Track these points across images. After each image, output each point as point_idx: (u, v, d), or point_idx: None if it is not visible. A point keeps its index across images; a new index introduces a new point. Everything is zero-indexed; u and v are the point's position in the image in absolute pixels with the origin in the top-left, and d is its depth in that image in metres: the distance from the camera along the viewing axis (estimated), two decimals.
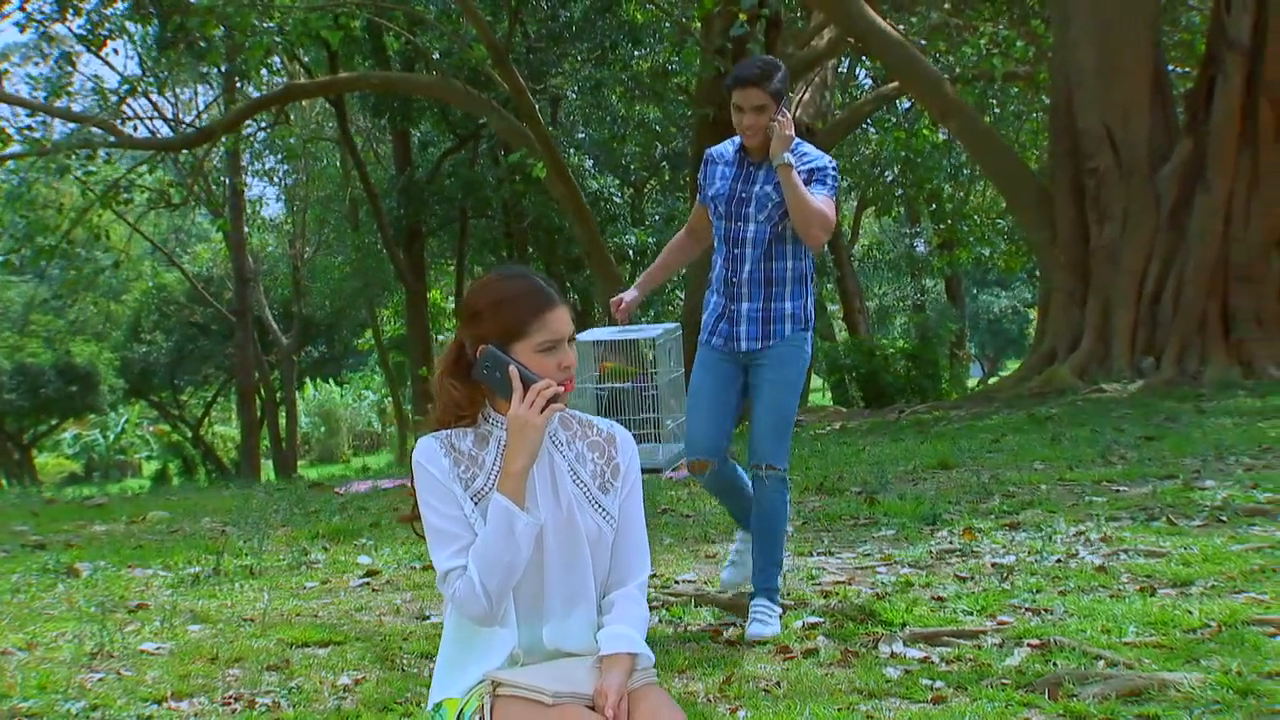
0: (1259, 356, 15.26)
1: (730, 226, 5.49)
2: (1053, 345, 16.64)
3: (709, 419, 5.49)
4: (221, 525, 9.59)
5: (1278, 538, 6.47)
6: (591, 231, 21.53)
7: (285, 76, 26.92)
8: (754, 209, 5.43)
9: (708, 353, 5.56)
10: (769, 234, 5.43)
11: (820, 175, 5.39)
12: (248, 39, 18.81)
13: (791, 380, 5.48)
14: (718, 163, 5.59)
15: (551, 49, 26.28)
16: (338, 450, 56.58)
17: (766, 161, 5.43)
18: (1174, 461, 9.23)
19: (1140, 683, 4.52)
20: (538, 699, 2.98)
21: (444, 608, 3.30)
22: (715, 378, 5.51)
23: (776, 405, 5.44)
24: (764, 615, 5.45)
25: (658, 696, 3.12)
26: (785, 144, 5.31)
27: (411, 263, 30.34)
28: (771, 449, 5.42)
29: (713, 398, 5.49)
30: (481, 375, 3.15)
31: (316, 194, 39.73)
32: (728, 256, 5.51)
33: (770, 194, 5.40)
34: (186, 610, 6.42)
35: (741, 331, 5.47)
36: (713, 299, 5.60)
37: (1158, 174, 16.18)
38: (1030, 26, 23.01)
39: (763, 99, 5.30)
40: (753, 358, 5.48)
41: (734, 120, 5.40)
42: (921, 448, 11.39)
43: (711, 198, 5.56)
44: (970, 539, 7.07)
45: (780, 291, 5.46)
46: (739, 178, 5.50)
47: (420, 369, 30.14)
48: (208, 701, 4.90)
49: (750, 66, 5.38)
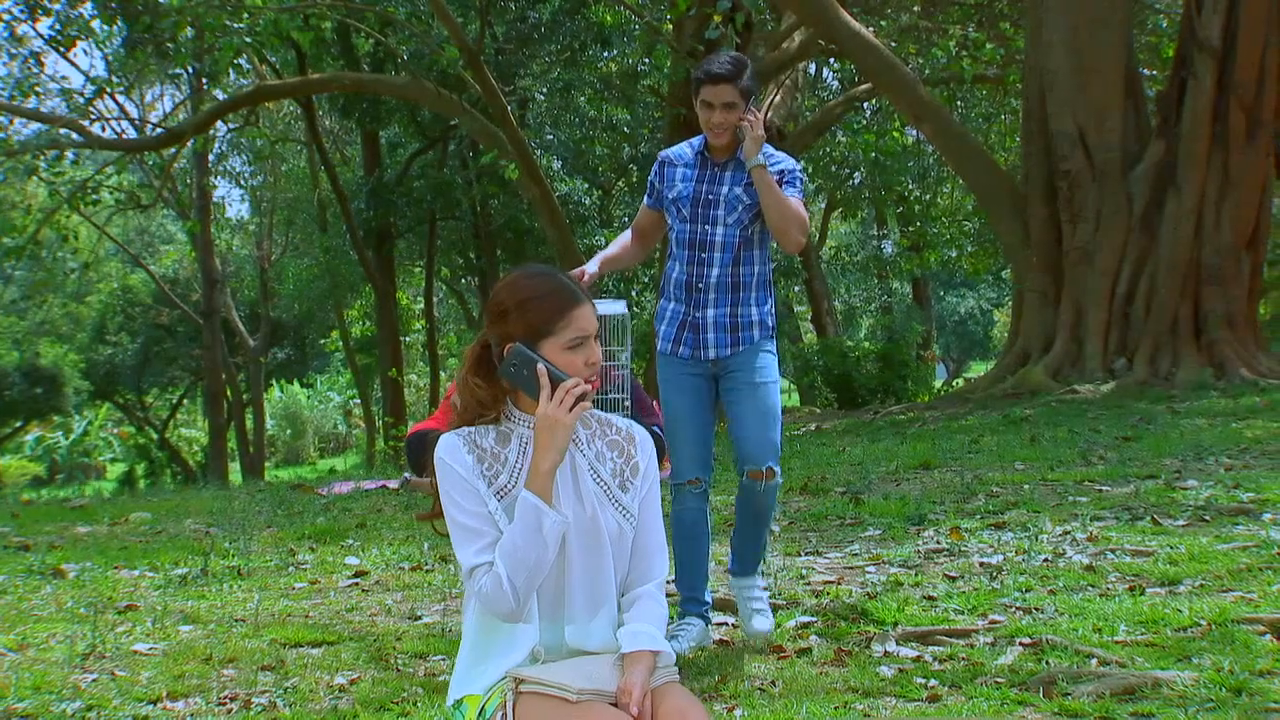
0: (1230, 358, 15.37)
1: (695, 229, 5.27)
2: (1026, 346, 16.72)
3: (694, 438, 5.29)
4: (205, 527, 9.55)
5: (1262, 537, 6.50)
6: (564, 233, 21.51)
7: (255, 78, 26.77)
8: (723, 211, 5.23)
9: (674, 366, 5.34)
10: (738, 237, 5.23)
11: (790, 177, 5.24)
12: (218, 40, 18.70)
13: (771, 379, 5.30)
14: (676, 164, 5.36)
15: (520, 51, 26.22)
16: (303, 452, 56.45)
17: (732, 162, 5.26)
18: (1154, 462, 9.29)
19: (1134, 681, 4.53)
20: (562, 695, 2.98)
21: (465, 605, 3.26)
22: (690, 395, 5.30)
23: (762, 406, 5.24)
24: (759, 604, 5.38)
25: (680, 694, 3.12)
26: (758, 144, 5.15)
27: (381, 264, 30.26)
28: (766, 451, 5.22)
29: (693, 416, 5.30)
30: (509, 373, 3.14)
31: (283, 195, 39.60)
32: (691, 260, 5.28)
33: (740, 196, 5.22)
34: (176, 611, 6.39)
35: (709, 339, 5.25)
36: (670, 306, 5.37)
37: (1130, 176, 16.29)
38: (999, 29, 23.12)
39: (733, 95, 5.12)
40: (722, 365, 5.27)
41: (701, 118, 5.20)
42: (901, 448, 11.43)
43: (673, 200, 5.32)
44: (957, 539, 7.09)
45: (747, 297, 5.27)
46: (703, 179, 5.28)
47: (390, 370, 30.07)
48: (203, 702, 4.86)
49: (721, 62, 5.18)
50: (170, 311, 42.83)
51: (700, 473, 5.28)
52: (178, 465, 45.08)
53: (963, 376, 51.03)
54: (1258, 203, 16.21)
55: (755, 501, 5.30)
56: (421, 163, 30.80)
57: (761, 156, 5.15)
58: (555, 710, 2.96)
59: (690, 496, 5.28)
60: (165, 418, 48.33)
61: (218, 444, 35.35)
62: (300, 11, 19.73)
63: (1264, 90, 15.79)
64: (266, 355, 43.01)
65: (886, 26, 23.70)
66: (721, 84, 5.11)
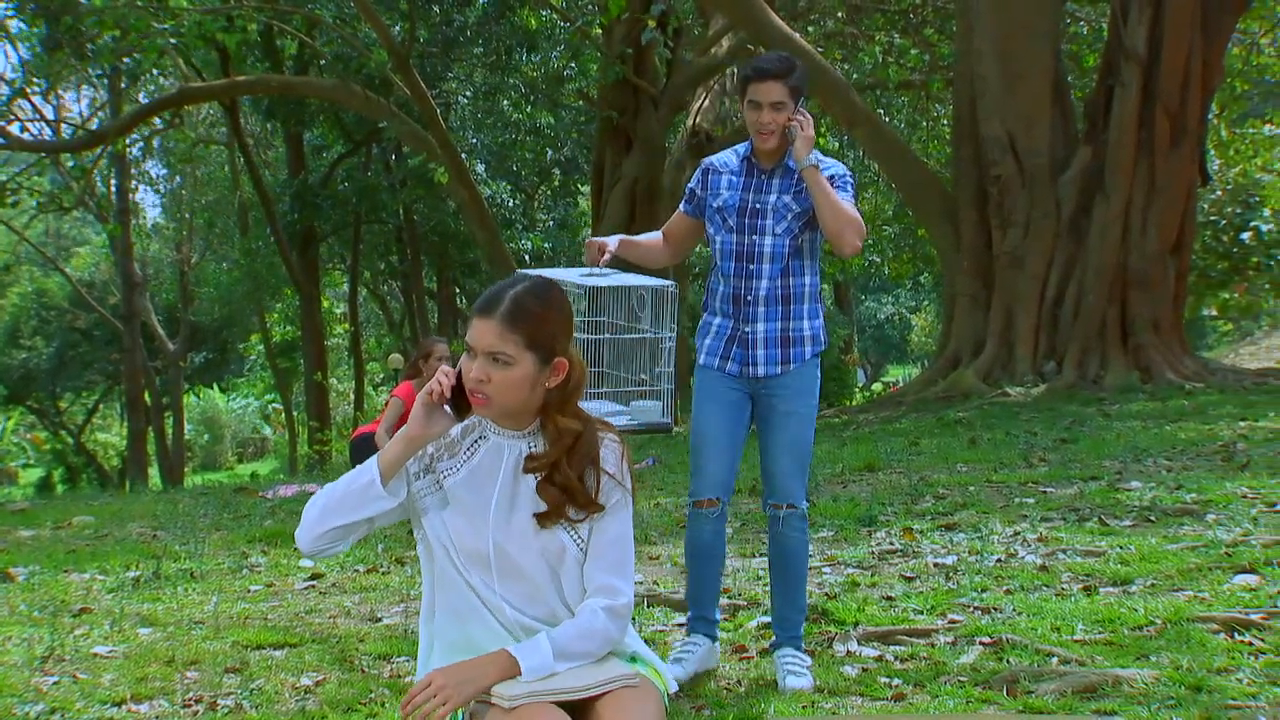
0: (1156, 361, 15.60)
1: (743, 240, 4.98)
2: (957, 350, 16.87)
3: (721, 454, 5.00)
4: (151, 530, 9.44)
5: (1209, 537, 6.60)
6: (493, 237, 21.52)
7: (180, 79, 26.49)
8: (771, 221, 4.95)
9: (714, 379, 5.04)
10: (788, 247, 4.95)
11: (840, 182, 4.95)
12: (141, 41, 18.50)
13: (810, 413, 5.03)
14: (722, 172, 5.08)
15: (445, 54, 26.16)
16: (221, 457, 55.89)
17: (779, 169, 5.00)
18: (1094, 463, 9.41)
19: (1095, 679, 4.58)
20: (497, 703, 3.05)
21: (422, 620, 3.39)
22: (725, 408, 5.00)
23: (796, 441, 4.99)
24: (795, 666, 4.93)
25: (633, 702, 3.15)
26: (809, 145, 4.87)
27: (305, 267, 30.07)
28: (794, 487, 4.99)
29: (724, 430, 4.99)
30: None
31: (203, 199, 39.25)
32: (739, 273, 4.98)
33: (789, 204, 4.95)
34: (133, 614, 6.30)
35: (759, 356, 4.97)
36: (715, 321, 5.08)
37: (1058, 181, 16.48)
38: (923, 35, 23.33)
39: (782, 94, 4.85)
40: (768, 384, 4.99)
41: (748, 119, 4.94)
42: (843, 451, 11.49)
43: (718, 209, 5.03)
44: (910, 539, 7.15)
45: (799, 310, 4.99)
46: (749, 187, 5.01)
47: (315, 373, 29.89)
48: (168, 704, 4.81)
49: (770, 59, 4.94)
50: (87, 315, 42.28)
51: (721, 494, 5.03)
52: (95, 470, 44.49)
53: (881, 380, 51.60)
54: (1182, 208, 16.46)
55: (784, 540, 5.06)
56: (347, 166, 30.67)
57: (813, 157, 4.89)
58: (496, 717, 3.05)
59: (707, 519, 5.04)
60: (82, 422, 47.68)
61: (137, 449, 34.91)
62: (225, 13, 19.57)
63: (1188, 97, 16.02)
64: (186, 359, 42.58)
65: (813, 32, 23.84)
66: (770, 81, 4.87)
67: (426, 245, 32.39)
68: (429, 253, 33.02)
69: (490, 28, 25.59)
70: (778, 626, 5.10)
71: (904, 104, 26.63)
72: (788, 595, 5.08)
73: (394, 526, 9.00)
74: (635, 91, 21.65)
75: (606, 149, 22.66)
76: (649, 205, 21.22)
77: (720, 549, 5.11)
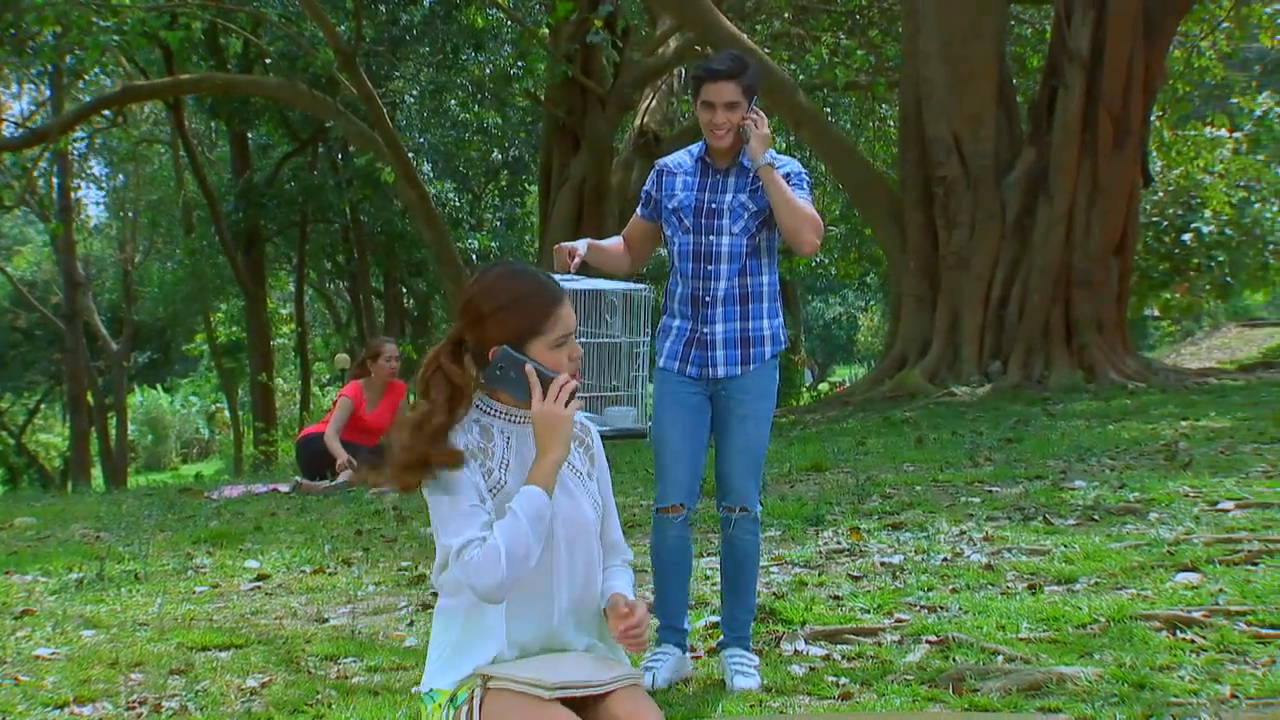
0: (1100, 361, 15.74)
1: (700, 240, 4.95)
2: (904, 350, 16.96)
3: (684, 459, 4.98)
4: (95, 532, 9.34)
5: (1151, 535, 6.66)
6: (441, 236, 21.45)
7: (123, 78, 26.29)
8: (728, 220, 4.93)
9: (674, 382, 4.99)
10: (746, 247, 4.93)
11: (797, 179, 4.94)
12: (84, 39, 18.34)
13: (766, 414, 5.02)
14: (676, 173, 5.05)
15: (391, 53, 26.06)
16: (165, 458, 55.44)
17: (735, 168, 4.98)
18: (1039, 462, 9.47)
19: (1039, 677, 4.62)
20: (535, 693, 3.03)
21: (439, 604, 3.32)
22: (686, 413, 4.97)
23: (751, 443, 4.97)
24: (743, 666, 4.92)
25: (642, 698, 3.17)
26: (765, 144, 4.86)
27: (251, 267, 29.91)
28: (747, 489, 4.98)
29: (685, 436, 4.97)
30: (495, 376, 3.20)
31: (147, 198, 38.97)
32: (696, 274, 4.96)
33: (746, 203, 4.93)
34: (76, 616, 6.25)
35: (719, 357, 4.95)
36: (674, 323, 5.03)
37: (1004, 182, 16.59)
38: (869, 36, 23.42)
39: (735, 94, 4.83)
40: (727, 385, 4.97)
41: (702, 120, 4.90)
42: (791, 451, 11.51)
43: (674, 210, 5.00)
44: (857, 539, 7.18)
45: (758, 309, 4.97)
46: (705, 187, 4.98)
47: (260, 374, 29.73)
48: (112, 706, 4.78)
49: (722, 60, 4.92)
50: (28, 314, 41.86)
51: (686, 499, 5.00)
52: (36, 471, 44.04)
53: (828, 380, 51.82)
54: (1125, 209, 16.60)
55: (736, 542, 5.04)
56: (293, 165, 30.51)
57: (769, 155, 4.88)
58: (522, 708, 3.02)
59: (672, 524, 5.00)
60: (23, 423, 47.19)
61: (79, 449, 34.60)
62: (169, 11, 19.44)
63: (1131, 99, 16.17)
64: (129, 359, 42.25)
65: (761, 32, 23.90)
66: (723, 81, 4.84)
67: (373, 245, 32.28)
68: (376, 252, 32.90)
69: (437, 27, 25.50)
70: (726, 627, 5.08)
71: (851, 105, 26.73)
72: (737, 596, 5.07)
73: (339, 527, 8.99)
74: (583, 91, 21.65)
75: (554, 149, 22.65)
76: (597, 205, 21.23)
77: (687, 555, 5.09)
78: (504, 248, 30.54)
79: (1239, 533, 6.57)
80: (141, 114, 35.12)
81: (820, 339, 63.55)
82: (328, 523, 9.17)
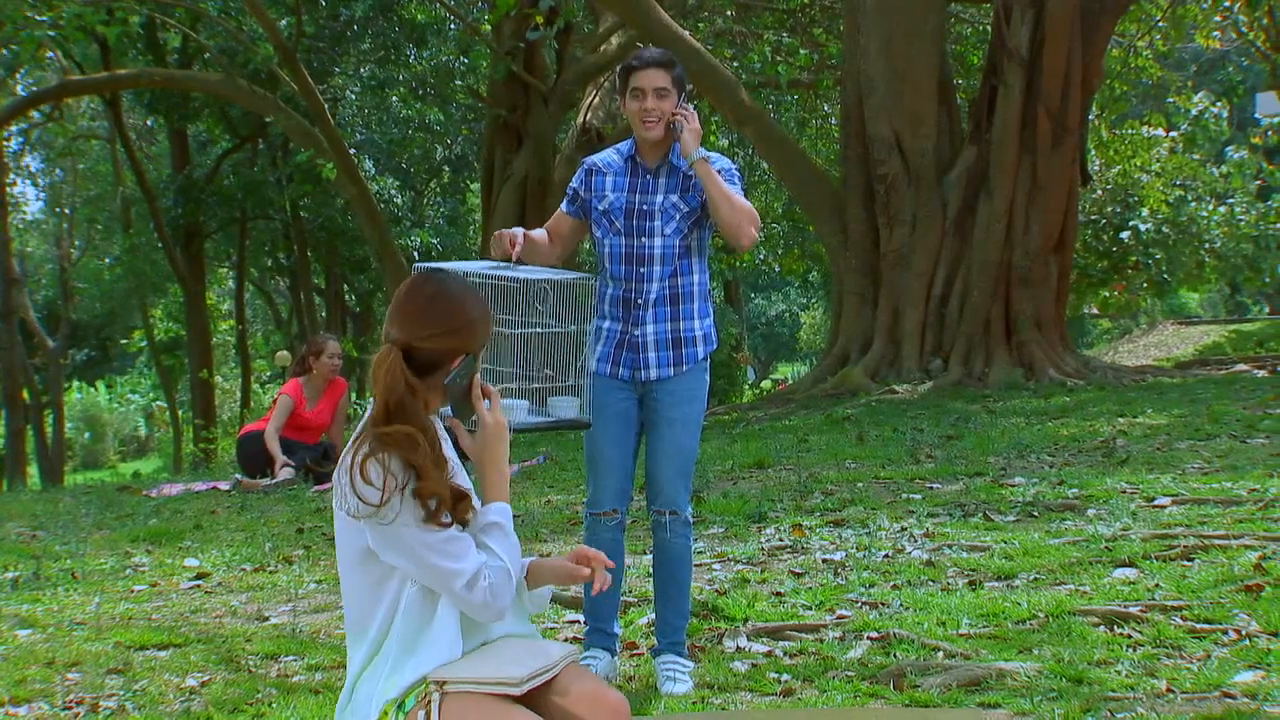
0: (1039, 359, 15.82)
1: (631, 243, 4.91)
2: (845, 347, 16.98)
3: (616, 466, 4.98)
4: (31, 530, 9.28)
5: (1090, 532, 6.73)
6: (383, 233, 21.35)
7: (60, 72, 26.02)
8: (660, 222, 4.89)
9: (606, 387, 4.93)
10: (678, 248, 4.91)
11: (728, 175, 4.90)
12: (19, 33, 18.11)
13: (696, 417, 5.01)
14: (605, 173, 4.99)
15: (332, 49, 25.91)
16: (103, 456, 54.89)
17: (665, 167, 4.95)
18: (979, 459, 9.53)
19: (979, 672, 4.68)
20: (506, 691, 2.99)
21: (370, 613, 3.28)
22: (617, 418, 4.94)
23: (681, 447, 4.94)
24: (676, 672, 4.90)
25: (590, 678, 3.21)
26: (697, 138, 4.81)
27: (190, 263, 29.68)
28: (677, 493, 4.94)
29: (617, 442, 4.96)
30: (456, 383, 3.19)
31: (84, 194, 38.58)
32: (629, 276, 4.92)
33: (677, 204, 4.90)
34: (11, 615, 6.21)
35: (650, 359, 4.92)
36: (605, 325, 4.98)
37: (944, 180, 16.66)
38: (812, 35, 23.47)
39: (665, 81, 4.79)
40: (657, 388, 4.95)
41: (631, 110, 4.87)
42: (734, 448, 11.54)
43: (604, 212, 4.96)
44: (799, 535, 7.21)
45: (688, 309, 4.95)
46: (635, 188, 4.94)
47: (200, 371, 29.51)
48: (48, 706, 4.75)
49: (651, 50, 4.92)
50: None
51: (619, 504, 4.99)
52: None
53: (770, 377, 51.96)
54: (1064, 207, 16.70)
55: (668, 547, 5.01)
56: (233, 161, 30.29)
57: (701, 150, 4.82)
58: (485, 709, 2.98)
59: (605, 527, 4.99)
60: None
61: (15, 447, 34.18)
62: (105, 5, 19.23)
63: (1069, 98, 16.27)
64: (66, 356, 41.82)
65: (703, 29, 23.91)
66: (652, 69, 4.81)
67: (314, 242, 32.06)
68: (317, 249, 32.69)
69: (378, 22, 25.37)
70: (660, 632, 5.06)
71: (793, 102, 26.78)
72: (671, 601, 5.05)
73: (280, 525, 8.95)
74: (525, 88, 21.59)
75: (497, 146, 22.55)
76: (540, 202, 21.15)
77: (619, 558, 5.06)
78: (446, 245, 30.42)
79: (1175, 529, 6.66)
80: (79, 109, 34.77)
81: (763, 336, 63.64)
82: (268, 521, 9.13)
